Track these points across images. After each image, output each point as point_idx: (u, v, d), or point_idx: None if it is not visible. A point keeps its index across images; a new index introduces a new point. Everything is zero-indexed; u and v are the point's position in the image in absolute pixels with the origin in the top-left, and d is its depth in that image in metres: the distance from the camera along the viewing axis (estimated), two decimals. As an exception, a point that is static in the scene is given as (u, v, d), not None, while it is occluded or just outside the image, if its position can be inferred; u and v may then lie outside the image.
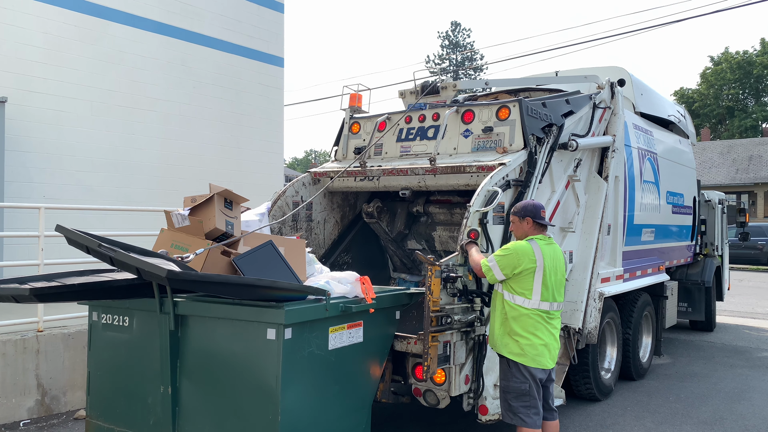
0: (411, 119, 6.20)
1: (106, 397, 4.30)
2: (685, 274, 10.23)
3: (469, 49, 55.43)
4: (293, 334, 3.55)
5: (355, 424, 4.09)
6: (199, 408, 3.82)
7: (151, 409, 3.97)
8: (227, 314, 3.73)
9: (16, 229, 8.34)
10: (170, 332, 3.85)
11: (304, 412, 3.67)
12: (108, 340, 4.29)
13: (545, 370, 4.19)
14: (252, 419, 3.56)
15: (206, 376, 3.81)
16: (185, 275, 3.29)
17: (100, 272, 4.29)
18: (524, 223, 4.31)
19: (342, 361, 3.96)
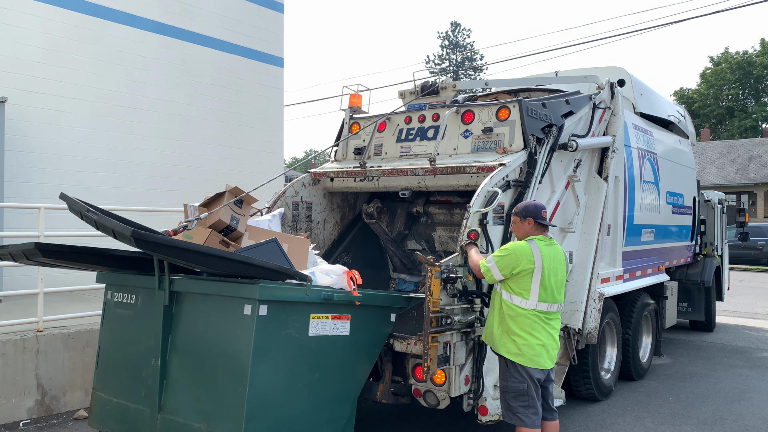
0: (411, 120, 6.20)
1: (110, 370, 4.51)
2: (684, 274, 10.24)
3: (469, 49, 55.44)
4: (269, 311, 3.63)
5: (335, 417, 4.03)
6: (182, 381, 3.95)
7: (144, 381, 4.11)
8: (213, 290, 3.89)
9: (16, 229, 8.34)
10: (164, 307, 4.04)
11: (276, 392, 3.68)
12: (117, 317, 4.55)
13: (543, 370, 4.19)
14: (225, 392, 3.64)
15: (191, 351, 3.96)
16: (150, 236, 3.39)
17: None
18: (525, 224, 4.31)
19: (323, 350, 3.95)
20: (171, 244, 3.54)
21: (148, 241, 3.39)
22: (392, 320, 4.47)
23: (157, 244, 3.47)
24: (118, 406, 4.33)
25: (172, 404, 3.94)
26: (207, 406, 3.73)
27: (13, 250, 4.11)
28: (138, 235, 3.30)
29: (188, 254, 3.57)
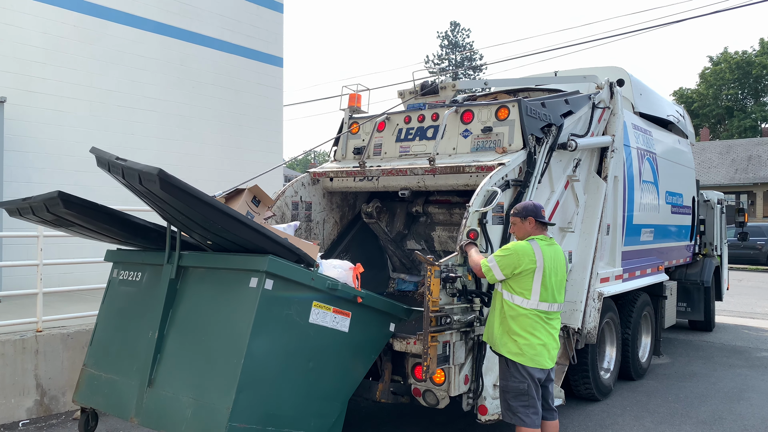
0: (410, 119, 6.20)
1: (103, 347, 4.51)
2: (684, 274, 10.24)
3: (469, 49, 55.44)
4: (274, 287, 3.67)
5: (324, 413, 3.98)
6: (176, 354, 3.95)
7: (137, 356, 4.11)
8: (221, 263, 3.95)
9: (15, 229, 8.33)
10: (170, 281, 4.08)
11: (269, 370, 3.66)
12: (119, 294, 4.61)
13: (543, 369, 4.19)
14: (220, 364, 3.63)
15: (191, 325, 3.96)
16: (176, 179, 3.39)
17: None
18: (526, 224, 4.31)
19: (321, 341, 3.95)
20: (193, 192, 3.49)
21: (173, 184, 3.37)
22: (391, 329, 4.46)
23: (180, 189, 3.43)
24: (107, 382, 4.31)
25: (162, 378, 3.93)
26: (199, 379, 3.70)
27: (35, 201, 4.11)
28: (164, 175, 3.31)
29: (207, 208, 3.54)
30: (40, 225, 4.62)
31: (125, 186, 3.83)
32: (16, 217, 4.47)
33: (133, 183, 3.57)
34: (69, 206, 4.01)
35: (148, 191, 3.56)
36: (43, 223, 4.52)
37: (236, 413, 3.43)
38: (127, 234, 4.45)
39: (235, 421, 3.41)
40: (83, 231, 4.52)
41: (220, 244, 4.04)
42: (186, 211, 3.65)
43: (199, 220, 3.72)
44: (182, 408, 3.68)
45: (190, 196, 3.47)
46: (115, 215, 4.29)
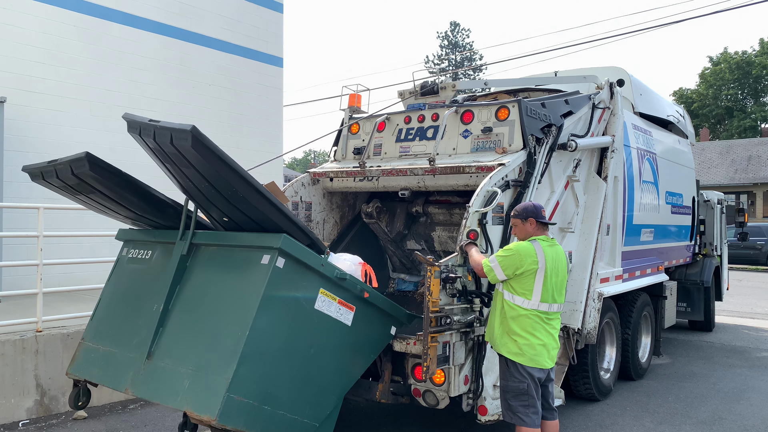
0: (410, 119, 6.20)
1: (104, 321, 4.51)
2: (684, 274, 10.24)
3: (469, 49, 55.43)
4: (285, 265, 3.71)
5: (319, 403, 3.94)
6: (179, 328, 3.95)
7: (139, 329, 4.10)
8: (234, 241, 4.00)
9: (15, 229, 8.33)
10: (181, 257, 4.12)
11: (272, 348, 3.66)
12: (127, 271, 4.64)
13: (543, 369, 4.20)
14: (223, 337, 3.64)
15: (197, 300, 3.98)
16: (208, 140, 3.44)
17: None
18: (527, 225, 4.31)
19: (324, 329, 3.96)
20: (221, 154, 3.53)
21: (204, 143, 3.43)
22: (392, 332, 4.46)
23: (210, 150, 3.47)
24: (104, 354, 4.30)
25: (162, 350, 3.92)
26: (200, 352, 3.69)
27: (60, 163, 4.15)
28: (196, 132, 3.37)
29: (232, 173, 3.59)
30: (60, 193, 4.62)
31: (154, 151, 3.82)
32: (39, 181, 4.48)
33: (164, 144, 3.55)
34: (94, 168, 4.03)
35: (177, 153, 3.54)
36: (64, 189, 4.49)
37: (235, 385, 3.41)
38: (144, 206, 4.44)
39: (233, 393, 3.40)
40: (101, 201, 4.50)
41: (236, 221, 4.05)
42: (210, 176, 3.66)
43: (221, 188, 3.73)
44: (180, 379, 3.66)
45: (218, 158, 3.51)
46: (137, 184, 4.30)
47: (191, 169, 3.67)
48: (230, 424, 3.35)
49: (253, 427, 3.47)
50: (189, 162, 3.59)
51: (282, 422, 3.66)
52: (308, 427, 3.84)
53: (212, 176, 3.65)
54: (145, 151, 3.93)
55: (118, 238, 4.89)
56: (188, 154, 3.48)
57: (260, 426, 3.52)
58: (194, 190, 3.99)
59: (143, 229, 4.80)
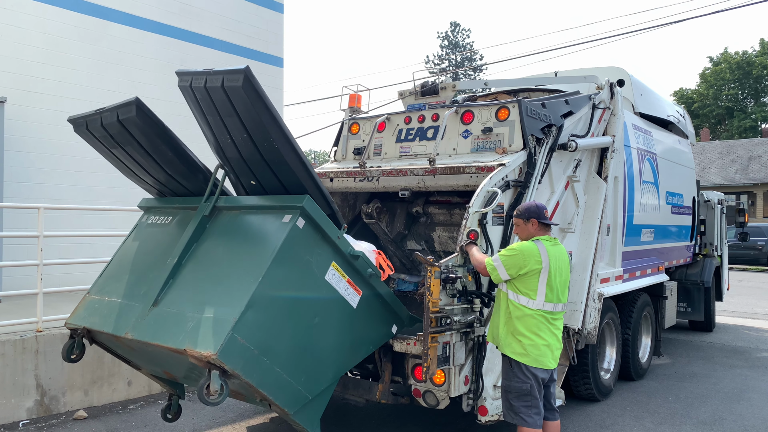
0: (410, 120, 6.20)
1: (112, 278, 4.54)
2: (684, 274, 10.24)
3: (469, 49, 55.42)
4: (304, 227, 3.83)
5: (315, 375, 3.91)
6: (190, 280, 4.00)
7: (148, 282, 4.14)
8: (256, 202, 4.14)
9: (15, 229, 8.34)
10: (203, 218, 4.23)
11: (278, 303, 3.69)
12: (144, 234, 4.72)
13: (547, 370, 4.19)
14: (233, 285, 3.68)
15: (213, 255, 4.05)
16: (258, 84, 3.62)
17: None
18: (529, 225, 4.30)
19: (329, 303, 3.98)
20: (267, 100, 3.68)
21: (254, 84, 3.58)
22: (393, 330, 4.46)
23: (258, 92, 3.61)
24: (108, 304, 4.29)
25: (169, 299, 3.94)
26: (208, 298, 3.71)
27: (106, 110, 4.29)
28: (249, 72, 3.54)
29: (273, 120, 3.73)
30: (96, 146, 4.78)
31: (199, 103, 3.96)
32: (82, 131, 4.66)
33: (213, 89, 3.70)
34: (140, 114, 4.15)
35: (225, 98, 3.68)
36: (103, 139, 4.60)
37: (240, 326, 3.42)
38: (177, 165, 4.50)
39: (237, 333, 3.40)
40: (136, 155, 4.55)
41: (263, 184, 4.17)
42: (251, 123, 3.77)
43: (258, 137, 3.84)
44: (184, 322, 3.67)
45: (263, 102, 3.65)
46: (175, 139, 4.40)
47: (233, 117, 3.79)
48: (229, 363, 3.32)
49: (250, 374, 3.45)
50: (233, 107, 3.71)
51: (277, 381, 3.64)
52: (301, 396, 3.81)
53: (252, 123, 3.77)
54: (189, 107, 4.10)
55: (140, 206, 5.00)
56: (236, 95, 3.62)
57: (256, 376, 3.50)
58: (230, 146, 4.07)
59: (167, 198, 4.89)
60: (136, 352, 4.30)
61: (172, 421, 4.91)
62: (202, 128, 4.20)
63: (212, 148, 4.30)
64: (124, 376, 6.36)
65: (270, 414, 5.99)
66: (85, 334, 4.39)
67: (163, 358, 4.01)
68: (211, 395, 3.29)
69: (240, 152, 4.05)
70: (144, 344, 3.85)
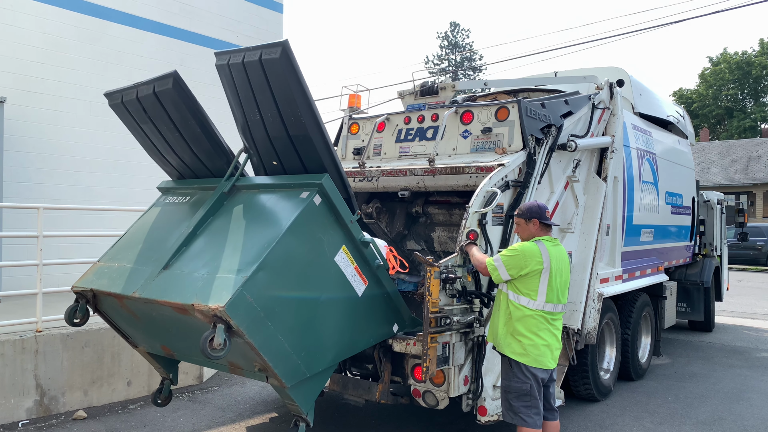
0: (410, 120, 6.20)
1: (125, 247, 4.60)
2: (684, 274, 10.24)
3: (468, 49, 55.43)
4: (320, 205, 3.94)
5: (314, 355, 3.91)
6: (204, 245, 4.08)
7: (161, 249, 4.21)
8: (276, 182, 4.26)
9: (15, 229, 8.33)
10: (221, 194, 4.36)
11: (288, 272, 3.74)
12: (161, 210, 4.82)
13: (546, 370, 4.19)
14: (246, 249, 3.75)
15: (227, 226, 4.13)
16: (295, 58, 3.80)
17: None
18: (531, 225, 4.30)
19: (336, 285, 4.03)
20: (301, 75, 3.83)
21: (291, 58, 3.75)
22: (394, 330, 4.47)
23: (293, 66, 3.78)
24: (118, 269, 4.34)
25: (181, 263, 4.01)
26: (220, 261, 3.78)
27: (143, 83, 4.48)
28: (287, 45, 3.74)
29: (303, 95, 3.88)
30: (127, 120, 4.90)
31: (234, 80, 4.13)
32: (116, 105, 4.81)
33: (251, 64, 3.88)
34: (176, 86, 4.32)
35: (261, 72, 3.86)
36: (136, 114, 4.73)
37: (250, 285, 3.47)
38: (203, 143, 4.58)
39: (246, 290, 3.44)
40: (164, 130, 4.66)
41: (285, 164, 4.29)
42: (282, 97, 3.91)
43: (287, 113, 3.97)
44: (193, 281, 3.73)
45: (297, 76, 3.81)
46: (206, 117, 4.52)
47: (266, 92, 3.95)
48: (235, 317, 3.35)
49: (253, 335, 3.48)
50: (267, 81, 3.87)
51: (279, 349, 3.65)
52: (300, 371, 3.81)
53: (283, 97, 3.91)
54: (223, 87, 4.25)
55: (159, 188, 5.11)
56: (272, 68, 3.78)
57: (259, 338, 3.52)
58: (257, 125, 4.20)
59: (186, 179, 5.02)
60: (138, 321, 4.32)
61: (161, 406, 4.93)
62: (233, 108, 4.35)
63: (239, 129, 4.43)
64: (123, 376, 6.36)
65: (270, 414, 5.99)
66: (91, 299, 4.43)
67: (165, 324, 4.05)
68: (214, 348, 3.30)
69: (267, 130, 4.18)
70: (150, 305, 3.89)
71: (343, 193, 4.13)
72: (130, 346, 4.89)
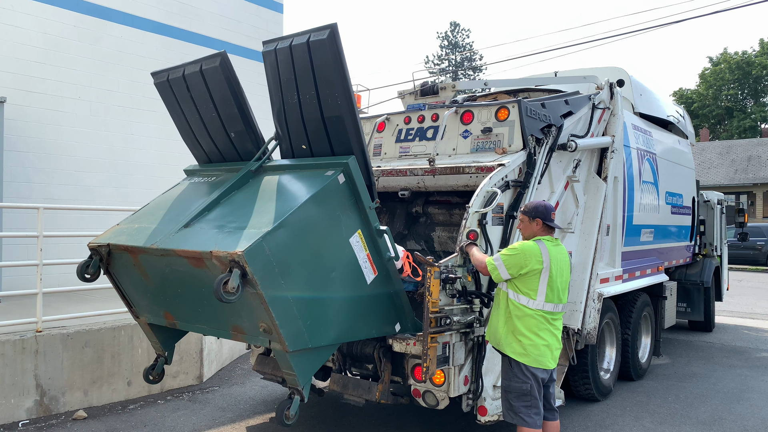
0: (410, 120, 6.20)
1: (147, 214, 4.68)
2: (684, 274, 10.24)
3: (468, 49, 55.44)
4: (343, 184, 4.04)
5: (319, 328, 3.93)
6: (225, 210, 4.19)
7: (183, 214, 4.31)
8: (303, 163, 4.41)
9: (15, 229, 8.33)
10: (248, 171, 4.52)
11: (305, 239, 3.81)
12: (185, 188, 4.92)
13: (547, 370, 4.19)
14: (267, 211, 3.87)
15: (250, 197, 4.24)
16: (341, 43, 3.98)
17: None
18: (534, 224, 4.30)
19: (347, 264, 4.08)
20: (343, 60, 3.99)
21: (338, 44, 3.95)
22: (396, 329, 4.47)
23: (339, 49, 3.95)
24: (137, 229, 4.42)
25: (201, 223, 4.10)
26: (241, 221, 3.88)
27: (192, 62, 4.73)
28: (335, 28, 3.95)
29: (342, 78, 4.02)
30: (168, 100, 5.12)
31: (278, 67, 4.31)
32: (163, 84, 5.04)
33: (298, 48, 4.09)
34: (223, 65, 4.56)
35: (306, 53, 4.06)
36: (179, 92, 4.95)
37: (270, 238, 3.55)
38: (237, 122, 4.72)
39: (266, 243, 3.52)
40: (204, 109, 4.83)
41: (313, 148, 4.42)
42: (323, 78, 4.07)
43: (325, 94, 4.12)
44: (214, 234, 3.84)
45: (340, 59, 3.98)
46: (243, 98, 4.68)
47: (308, 74, 4.13)
48: (251, 264, 3.42)
49: (266, 287, 3.53)
50: (311, 63, 4.06)
51: (287, 309, 3.68)
52: (303, 338, 3.81)
53: (323, 79, 4.07)
54: (266, 73, 4.46)
55: (185, 170, 5.26)
56: (318, 50, 3.98)
57: (270, 292, 3.56)
58: (293, 108, 4.37)
59: (213, 163, 5.14)
60: (147, 282, 4.36)
61: (153, 382, 4.95)
62: (272, 94, 4.54)
63: (274, 115, 4.61)
64: (123, 376, 6.36)
65: (270, 414, 6.00)
66: (104, 257, 4.49)
67: (175, 282, 4.11)
68: (228, 291, 3.36)
69: (302, 112, 4.34)
70: (165, 258, 3.95)
71: (366, 179, 4.22)
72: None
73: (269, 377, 5.47)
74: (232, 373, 7.49)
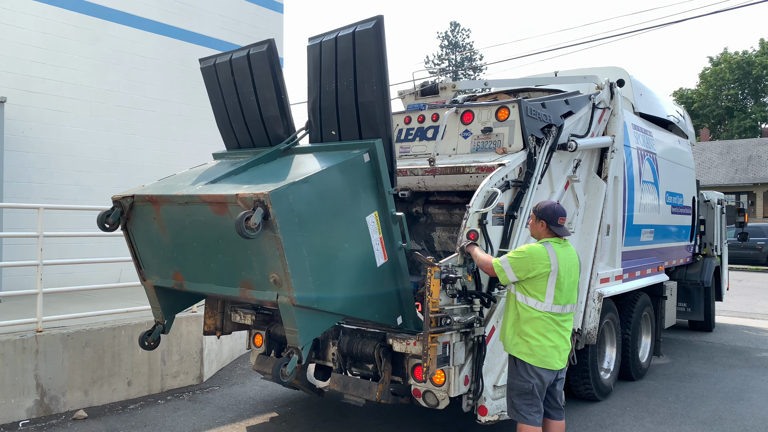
0: (410, 120, 6.20)
1: (170, 179, 4.83)
2: (684, 274, 10.24)
3: (469, 49, 55.43)
4: (366, 163, 4.20)
5: (328, 292, 3.96)
6: (251, 175, 4.37)
7: (210, 175, 4.45)
8: (330, 145, 4.58)
9: (15, 229, 8.34)
10: (276, 150, 4.76)
11: (323, 203, 3.92)
12: (213, 164, 5.08)
13: (553, 371, 4.20)
14: (292, 172, 4.03)
15: (274, 168, 4.43)
16: (384, 34, 4.27)
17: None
18: (539, 225, 4.32)
19: (361, 241, 4.16)
20: (384, 49, 4.20)
21: (381, 34, 4.18)
22: (398, 322, 4.46)
23: (381, 40, 4.19)
24: (164, 184, 4.60)
25: (228, 180, 4.26)
26: (264, 179, 4.01)
27: (241, 48, 4.93)
28: (381, 20, 4.23)
29: (379, 66, 4.23)
30: (212, 87, 5.42)
31: (321, 58, 4.56)
32: (209, 69, 5.32)
33: (343, 39, 4.34)
34: (269, 53, 4.73)
35: (351, 42, 4.31)
36: (222, 77, 5.16)
37: (294, 189, 3.71)
38: (273, 106, 4.87)
39: (290, 191, 3.68)
40: (244, 94, 5.01)
41: (342, 134, 4.57)
42: (363, 66, 4.29)
43: (362, 79, 4.30)
44: (239, 186, 3.97)
45: (382, 48, 4.19)
46: (281, 84, 4.84)
47: (349, 62, 4.35)
48: (275, 206, 3.55)
49: (285, 232, 3.62)
50: (354, 51, 4.29)
51: (299, 260, 3.74)
52: (310, 295, 3.82)
53: (363, 66, 4.29)
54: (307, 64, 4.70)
55: (214, 154, 5.47)
56: (363, 39, 4.23)
57: (288, 239, 3.65)
58: (329, 96, 4.57)
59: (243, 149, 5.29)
60: (163, 237, 4.44)
61: (148, 348, 4.98)
62: (310, 84, 4.76)
63: (309, 104, 4.82)
64: (123, 376, 6.36)
65: (270, 414, 6.00)
66: (126, 210, 4.57)
67: (193, 234, 4.20)
68: (249, 227, 3.45)
69: (337, 99, 4.53)
70: (188, 207, 4.08)
71: (389, 165, 4.33)
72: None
73: (269, 377, 5.47)
74: (232, 373, 7.49)
